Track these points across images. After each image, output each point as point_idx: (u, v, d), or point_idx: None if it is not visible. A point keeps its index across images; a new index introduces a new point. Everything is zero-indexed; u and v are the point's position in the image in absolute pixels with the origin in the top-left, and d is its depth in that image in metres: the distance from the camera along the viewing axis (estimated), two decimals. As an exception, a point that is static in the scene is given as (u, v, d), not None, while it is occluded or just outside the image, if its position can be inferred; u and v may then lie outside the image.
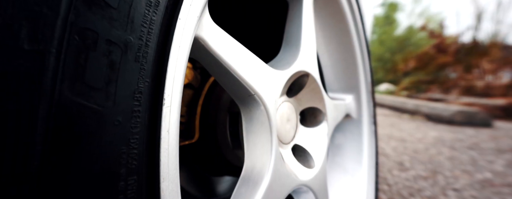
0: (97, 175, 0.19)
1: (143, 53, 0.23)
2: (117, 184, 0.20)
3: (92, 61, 0.19)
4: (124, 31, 0.21)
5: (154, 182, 0.23)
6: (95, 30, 0.19)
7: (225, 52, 0.35)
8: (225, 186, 0.68)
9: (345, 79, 0.76)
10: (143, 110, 0.22)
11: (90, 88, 0.19)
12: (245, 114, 0.44)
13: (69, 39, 0.18)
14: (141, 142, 0.22)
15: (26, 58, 0.16)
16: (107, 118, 0.20)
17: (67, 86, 0.17)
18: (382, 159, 1.72)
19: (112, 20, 0.20)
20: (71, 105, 0.18)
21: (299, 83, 0.59)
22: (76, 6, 0.18)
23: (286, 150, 0.55)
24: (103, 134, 0.19)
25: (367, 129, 0.74)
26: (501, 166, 1.45)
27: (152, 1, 0.23)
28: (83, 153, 0.18)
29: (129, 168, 0.21)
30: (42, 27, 0.17)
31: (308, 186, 0.51)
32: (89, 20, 0.19)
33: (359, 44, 0.71)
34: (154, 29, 0.24)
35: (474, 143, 2.06)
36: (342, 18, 0.67)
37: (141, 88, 0.22)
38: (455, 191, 1.14)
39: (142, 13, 0.23)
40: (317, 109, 0.63)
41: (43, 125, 0.16)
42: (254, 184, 0.42)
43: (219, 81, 0.40)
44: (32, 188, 0.16)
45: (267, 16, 0.68)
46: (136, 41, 0.22)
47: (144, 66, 0.23)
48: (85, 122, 0.18)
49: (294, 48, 0.57)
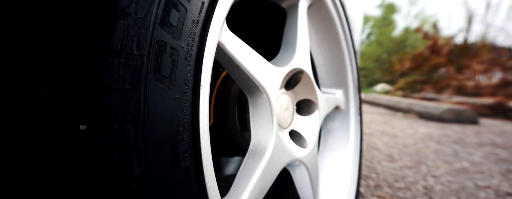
0: (170, 129, 0.30)
1: (189, 55, 0.34)
2: (178, 136, 0.31)
3: (164, 60, 0.30)
4: (180, 40, 0.32)
5: (196, 137, 0.34)
6: (165, 41, 0.30)
7: (238, 52, 0.46)
8: (234, 165, 0.79)
9: (335, 76, 0.87)
10: (189, 91, 0.34)
11: (163, 76, 0.30)
12: (251, 102, 0.55)
13: (152, 47, 0.29)
14: (189, 111, 0.33)
15: (137, 58, 0.27)
16: (172, 95, 0.31)
17: (153, 75, 0.29)
18: (373, 152, 1.84)
19: (173, 34, 0.31)
20: (155, 87, 0.29)
21: (295, 78, 0.70)
22: (156, 26, 0.29)
23: (284, 133, 0.66)
24: (170, 105, 0.31)
25: (354, 119, 0.86)
26: (479, 157, 1.57)
27: (194, 20, 0.35)
28: (163, 114, 0.29)
29: (183, 127, 0.32)
30: (142, 41, 0.28)
31: (301, 161, 0.62)
32: (162, 34, 0.30)
33: (346, 46, 0.82)
34: (195, 38, 0.35)
35: (459, 138, 2.17)
36: (331, 24, 0.78)
37: (188, 77, 0.34)
38: (434, 177, 1.25)
39: (188, 28, 0.34)
40: (310, 101, 0.75)
41: (144, 96, 0.28)
42: (259, 155, 0.53)
43: (232, 75, 0.51)
44: (138, 128, 0.27)
45: (269, 23, 0.80)
46: (185, 47, 0.33)
47: (190, 63, 0.34)
48: (162, 97, 0.30)
49: (291, 49, 0.68)
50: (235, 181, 0.49)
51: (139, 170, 0.27)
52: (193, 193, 0.33)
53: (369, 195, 1.09)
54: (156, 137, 0.29)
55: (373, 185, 1.20)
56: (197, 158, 0.34)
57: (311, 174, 0.66)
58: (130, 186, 0.26)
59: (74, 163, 0.25)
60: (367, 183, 1.23)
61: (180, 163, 0.31)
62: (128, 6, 0.27)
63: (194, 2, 0.34)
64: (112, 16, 0.27)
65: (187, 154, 0.32)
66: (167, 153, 0.30)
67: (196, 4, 0.35)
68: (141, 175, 0.27)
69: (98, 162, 0.25)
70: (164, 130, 0.30)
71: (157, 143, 0.29)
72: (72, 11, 0.26)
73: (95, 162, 0.25)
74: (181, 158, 0.31)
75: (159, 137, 0.29)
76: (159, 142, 0.29)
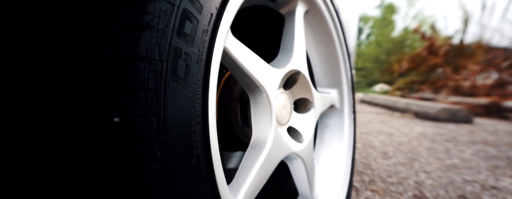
0: (184, 122, 0.35)
1: (200, 59, 0.39)
2: (191, 128, 0.37)
3: (179, 64, 0.36)
4: (192, 47, 0.38)
5: (206, 129, 0.39)
6: (180, 48, 0.36)
7: (240, 56, 0.52)
8: (237, 159, 0.84)
9: (330, 76, 0.92)
10: (200, 90, 0.39)
11: (178, 78, 0.35)
12: (252, 100, 0.60)
13: (170, 53, 0.34)
14: (200, 107, 0.39)
15: (158, 63, 0.33)
16: (186, 93, 0.36)
17: (170, 77, 0.34)
18: (369, 150, 1.89)
19: (187, 42, 0.37)
20: (172, 86, 0.34)
21: (293, 79, 0.76)
22: (173, 36, 0.35)
23: (283, 129, 0.71)
24: (184, 102, 0.36)
25: (347, 116, 0.91)
26: (469, 154, 1.62)
27: (204, 29, 0.40)
28: (178, 110, 0.35)
29: (195, 121, 0.37)
30: (162, 49, 0.33)
31: (298, 154, 0.68)
32: (178, 42, 0.35)
33: (340, 48, 0.88)
34: (205, 45, 0.40)
35: (452, 137, 2.23)
36: (326, 28, 0.84)
37: (199, 78, 0.39)
38: (425, 173, 1.31)
39: (200, 37, 0.39)
40: (306, 99, 0.80)
41: (163, 94, 0.33)
42: (259, 149, 0.59)
43: (235, 76, 0.57)
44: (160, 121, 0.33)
45: (269, 28, 0.85)
46: (197, 52, 0.39)
47: (200, 66, 0.39)
48: (178, 95, 0.35)
49: (289, 52, 0.73)
50: (238, 171, 0.54)
51: (161, 156, 0.33)
52: (204, 178, 0.39)
53: (363, 189, 1.15)
54: (174, 128, 0.34)
55: (367, 180, 1.25)
56: (206, 147, 0.39)
57: (307, 166, 0.71)
58: (154, 169, 0.32)
59: (110, 149, 0.30)
60: (362, 178, 1.28)
61: (193, 150, 0.37)
62: (152, 20, 0.33)
63: (204, 14, 0.40)
64: (138, 28, 0.32)
65: (198, 144, 0.38)
66: (182, 142, 0.35)
67: (206, 16, 0.40)
68: (162, 160, 0.33)
69: (129, 148, 0.31)
70: (179, 123, 0.35)
71: (174, 133, 0.34)
72: (108, 25, 0.32)
73: (126, 147, 0.31)
74: (193, 146, 0.37)
75: (176, 128, 0.35)
76: (176, 133, 0.35)
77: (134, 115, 0.31)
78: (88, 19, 0.32)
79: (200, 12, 0.39)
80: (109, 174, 0.30)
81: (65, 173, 0.31)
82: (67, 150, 0.31)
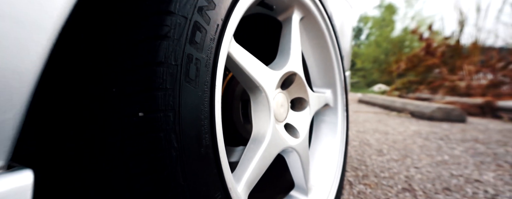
0: (195, 116, 0.42)
1: (207, 63, 0.46)
2: (201, 122, 0.43)
3: (191, 67, 0.42)
4: (201, 53, 0.44)
5: (213, 123, 0.46)
6: (192, 54, 0.42)
7: (242, 59, 0.58)
8: (238, 153, 0.91)
9: (324, 77, 0.99)
10: (208, 90, 0.45)
11: (190, 79, 0.42)
12: (253, 99, 0.67)
13: (183, 59, 0.41)
14: (207, 104, 0.45)
15: (174, 67, 0.39)
16: (196, 92, 0.43)
17: (184, 78, 0.40)
18: (365, 147, 1.95)
19: (197, 49, 0.43)
20: (186, 88, 0.41)
21: (290, 80, 0.82)
22: (186, 44, 0.41)
23: (280, 126, 0.78)
24: (195, 99, 0.42)
25: (341, 114, 0.97)
26: (459, 151, 1.68)
27: (211, 38, 0.46)
28: (190, 106, 0.41)
29: (204, 116, 0.44)
30: (177, 55, 0.40)
31: (294, 148, 0.74)
32: (190, 50, 0.42)
33: (334, 52, 0.94)
34: (212, 51, 0.47)
35: (445, 135, 2.29)
36: (320, 33, 0.90)
37: (207, 79, 0.45)
38: (416, 168, 1.37)
39: (208, 44, 0.45)
40: (302, 98, 0.86)
41: (178, 93, 0.39)
42: (259, 142, 0.65)
43: (237, 77, 0.63)
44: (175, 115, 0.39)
45: (267, 33, 0.91)
46: (205, 57, 0.45)
47: (208, 69, 0.46)
48: (190, 93, 0.41)
49: (286, 55, 0.79)
50: (240, 162, 0.61)
51: (176, 144, 0.39)
52: (211, 164, 0.45)
53: (357, 183, 1.21)
54: (187, 121, 0.41)
55: (361, 175, 1.32)
56: (213, 138, 0.46)
57: (302, 159, 0.77)
58: (172, 154, 0.38)
59: (137, 137, 0.37)
60: (356, 173, 1.35)
61: (202, 141, 0.43)
62: (169, 31, 0.39)
63: (211, 24, 0.46)
64: (158, 39, 0.38)
65: (207, 135, 0.44)
66: (193, 133, 0.42)
67: (213, 26, 0.46)
68: (178, 147, 0.39)
69: (151, 137, 0.37)
70: (191, 117, 0.41)
71: (187, 126, 0.41)
72: (135, 36, 0.38)
73: (149, 137, 0.37)
74: (202, 137, 0.43)
75: (188, 122, 0.41)
76: (188, 125, 0.41)
77: (155, 110, 0.38)
78: (119, 31, 0.38)
79: (208, 23, 0.45)
80: (137, 157, 0.37)
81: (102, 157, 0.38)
82: (102, 138, 0.37)
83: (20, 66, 0.24)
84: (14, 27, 0.23)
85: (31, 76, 0.25)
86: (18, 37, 0.24)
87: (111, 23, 0.39)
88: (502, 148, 1.75)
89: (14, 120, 0.24)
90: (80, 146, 0.37)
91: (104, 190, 0.39)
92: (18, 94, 0.24)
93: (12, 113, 0.24)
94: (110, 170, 0.37)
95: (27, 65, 0.24)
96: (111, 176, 0.38)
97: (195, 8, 0.42)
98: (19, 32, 0.24)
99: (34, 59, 0.25)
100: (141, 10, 0.39)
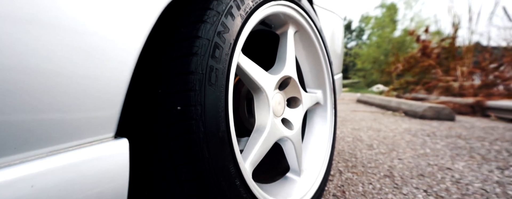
0: (215, 109, 0.58)
1: (223, 71, 0.62)
2: (219, 114, 0.59)
3: (212, 75, 0.58)
4: (219, 64, 0.60)
5: (227, 115, 0.62)
6: (213, 65, 0.58)
7: (247, 67, 0.74)
8: (243, 143, 1.07)
9: (316, 80, 1.15)
10: (223, 91, 0.61)
11: (212, 83, 0.58)
12: (256, 98, 0.83)
13: (207, 69, 0.57)
14: (223, 101, 0.61)
15: (201, 75, 0.55)
16: (215, 93, 0.58)
17: (207, 83, 0.56)
18: (357, 143, 2.10)
19: (216, 61, 0.59)
20: (209, 90, 0.57)
21: (286, 82, 0.98)
22: (209, 59, 0.57)
23: (278, 120, 0.94)
24: (215, 97, 0.58)
25: (330, 111, 1.13)
26: (440, 146, 1.83)
27: (226, 53, 0.62)
28: (212, 102, 0.57)
29: (221, 109, 0.60)
30: (203, 67, 0.56)
31: (289, 138, 0.90)
32: (212, 62, 0.58)
33: (323, 59, 1.10)
34: (226, 63, 0.63)
35: (432, 132, 2.44)
36: (312, 43, 1.06)
37: (223, 83, 0.61)
38: (399, 160, 1.53)
39: (224, 57, 0.61)
40: (296, 98, 1.02)
41: (203, 93, 0.56)
42: (260, 132, 0.81)
43: (244, 81, 0.79)
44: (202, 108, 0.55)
45: (268, 44, 1.07)
46: (222, 67, 0.61)
47: (223, 76, 0.62)
48: (211, 93, 0.57)
49: (282, 62, 0.95)
50: (246, 147, 0.76)
51: (203, 128, 0.55)
52: (227, 144, 0.61)
53: (346, 172, 1.37)
54: (209, 113, 0.57)
55: (350, 166, 1.47)
56: (227, 126, 0.62)
57: (296, 147, 0.93)
58: (200, 136, 0.54)
59: (177, 124, 0.53)
60: (346, 164, 1.50)
61: (220, 127, 0.59)
62: (198, 50, 0.55)
63: (226, 44, 0.62)
64: (190, 55, 0.55)
65: (223, 123, 0.60)
66: (214, 121, 0.58)
67: (227, 45, 0.62)
68: (204, 131, 0.55)
69: (186, 124, 0.53)
70: (212, 110, 0.57)
71: (210, 116, 0.57)
72: (174, 53, 0.54)
73: (184, 124, 0.53)
74: (220, 124, 0.59)
75: (210, 113, 0.57)
76: (211, 116, 0.57)
77: (188, 105, 0.54)
78: (166, 50, 0.55)
79: (224, 43, 0.61)
80: (177, 138, 0.53)
81: (156, 136, 0.54)
82: (155, 124, 0.53)
83: (121, 76, 0.40)
84: (116, 53, 0.39)
85: (125, 82, 0.41)
86: (120, 61, 0.40)
87: (162, 45, 0.55)
88: (479, 143, 1.90)
89: (118, 107, 0.40)
90: (145, 126, 0.53)
91: (159, 155, 0.55)
92: (119, 92, 0.40)
93: (118, 102, 0.40)
94: (161, 145, 0.53)
95: (124, 76, 0.41)
96: (161, 149, 0.54)
97: (215, 33, 0.59)
98: (122, 57, 0.40)
99: (126, 73, 0.41)
100: (180, 35, 0.56)
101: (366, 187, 1.16)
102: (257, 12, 0.72)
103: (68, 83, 0.34)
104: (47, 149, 0.34)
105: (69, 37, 0.34)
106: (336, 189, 1.16)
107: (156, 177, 0.56)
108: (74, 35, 0.34)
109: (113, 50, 0.39)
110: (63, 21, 0.33)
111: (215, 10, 0.59)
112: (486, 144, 1.85)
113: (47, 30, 0.31)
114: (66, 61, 0.33)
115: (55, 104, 0.33)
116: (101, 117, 0.39)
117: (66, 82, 0.34)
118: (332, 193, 1.12)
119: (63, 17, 0.33)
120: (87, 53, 0.35)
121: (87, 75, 0.36)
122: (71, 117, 0.35)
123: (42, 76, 0.31)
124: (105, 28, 0.38)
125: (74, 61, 0.34)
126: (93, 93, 0.37)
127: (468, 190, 1.07)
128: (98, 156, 0.38)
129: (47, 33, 0.31)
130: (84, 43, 0.35)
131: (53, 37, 0.32)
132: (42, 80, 0.31)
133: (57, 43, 0.32)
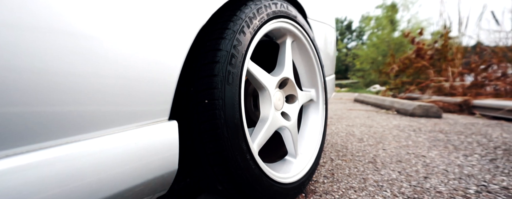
0: (232, 102, 0.77)
1: (237, 74, 0.81)
2: (235, 106, 0.78)
3: (229, 77, 0.77)
4: (234, 69, 0.79)
5: (240, 107, 0.81)
6: (230, 70, 0.77)
7: (254, 71, 0.93)
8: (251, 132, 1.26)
9: (310, 81, 1.34)
10: (237, 89, 0.80)
11: (229, 83, 0.77)
12: (260, 95, 1.02)
13: (226, 73, 0.76)
14: (237, 97, 0.80)
15: (222, 77, 0.74)
16: (232, 90, 0.77)
17: (226, 82, 0.76)
18: (349, 137, 2.29)
19: (233, 67, 0.78)
20: (227, 88, 0.76)
21: (285, 82, 1.17)
22: (227, 65, 0.76)
23: (278, 113, 1.13)
24: (232, 94, 0.77)
25: (321, 107, 1.32)
26: (422, 139, 2.02)
27: (239, 60, 0.82)
28: (230, 97, 0.76)
29: (236, 103, 0.79)
30: (223, 71, 0.75)
31: (287, 127, 1.09)
32: (229, 68, 0.77)
33: (316, 63, 1.29)
34: (239, 68, 0.81)
35: (418, 128, 2.62)
36: (306, 50, 1.25)
37: (237, 83, 0.80)
38: (383, 150, 1.72)
39: (238, 64, 0.80)
40: (294, 95, 1.21)
41: (223, 90, 0.75)
42: (264, 122, 1.00)
43: (251, 81, 0.98)
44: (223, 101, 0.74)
45: (269, 52, 1.27)
46: (237, 72, 0.80)
47: (237, 78, 0.81)
48: (229, 91, 0.77)
49: (282, 66, 1.14)
50: (253, 133, 0.96)
51: (223, 116, 0.74)
52: (240, 128, 0.80)
53: (336, 159, 1.56)
54: (228, 105, 0.76)
55: (341, 155, 1.66)
56: (240, 115, 0.81)
57: (292, 135, 1.12)
58: (221, 121, 0.73)
59: (204, 113, 0.72)
60: (338, 154, 1.69)
61: (235, 115, 0.78)
62: (220, 59, 0.74)
63: (239, 53, 0.81)
64: (214, 63, 0.74)
65: (237, 113, 0.79)
66: (231, 111, 0.77)
67: (240, 54, 0.81)
68: (224, 118, 0.74)
69: (211, 113, 0.73)
70: (230, 103, 0.77)
71: (228, 108, 0.76)
72: (203, 61, 0.73)
73: (210, 112, 0.72)
74: (235, 114, 0.78)
75: (229, 105, 0.76)
76: (229, 107, 0.76)
77: (213, 99, 0.73)
78: (197, 59, 0.74)
79: (238, 53, 0.80)
80: (205, 123, 0.72)
81: (191, 122, 0.73)
82: (191, 113, 0.73)
83: (173, 78, 0.60)
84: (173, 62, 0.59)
85: (175, 82, 0.61)
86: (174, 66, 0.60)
87: (195, 55, 0.75)
88: (457, 136, 2.09)
89: (170, 99, 0.60)
90: (184, 114, 0.73)
91: (192, 135, 0.74)
92: (172, 90, 0.60)
93: (170, 96, 0.59)
94: (193, 128, 0.73)
95: (175, 77, 0.60)
96: (193, 131, 0.73)
97: (232, 46, 0.78)
98: (175, 64, 0.59)
99: (176, 75, 0.61)
100: (206, 48, 0.75)
101: (351, 170, 1.35)
102: (262, 28, 0.91)
103: (147, 85, 0.54)
104: (134, 124, 0.53)
105: (154, 55, 0.53)
106: (327, 172, 1.35)
107: (190, 152, 0.75)
108: (155, 54, 0.54)
109: (171, 61, 0.59)
110: (154, 48, 0.52)
111: (232, 30, 0.79)
112: (462, 137, 2.04)
113: (143, 50, 0.51)
114: (148, 69, 0.53)
115: (141, 98, 0.53)
116: (162, 105, 0.59)
117: (145, 84, 0.53)
118: (323, 174, 1.32)
119: (155, 48, 0.53)
120: (161, 64, 0.55)
121: (157, 82, 0.55)
122: (147, 107, 0.55)
123: (136, 82, 0.51)
124: (167, 47, 0.57)
125: (153, 70, 0.54)
126: (158, 90, 0.57)
127: (433, 170, 1.26)
128: (160, 131, 0.58)
129: (142, 51, 0.51)
130: (159, 58, 0.55)
131: (145, 55, 0.52)
132: (136, 84, 0.51)
133: (145, 60, 0.52)
